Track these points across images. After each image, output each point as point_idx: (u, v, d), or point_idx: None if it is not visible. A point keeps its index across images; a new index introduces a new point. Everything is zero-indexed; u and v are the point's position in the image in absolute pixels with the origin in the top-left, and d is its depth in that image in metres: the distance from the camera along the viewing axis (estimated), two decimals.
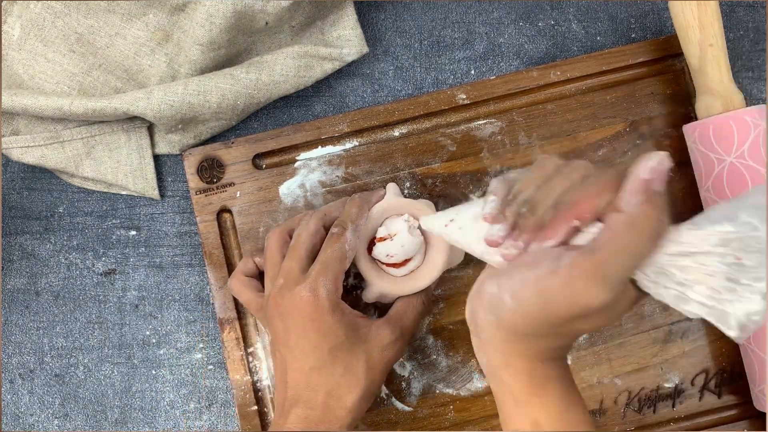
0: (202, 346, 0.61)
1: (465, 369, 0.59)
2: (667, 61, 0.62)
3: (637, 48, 0.61)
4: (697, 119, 0.58)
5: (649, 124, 0.61)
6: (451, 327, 0.60)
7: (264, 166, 0.60)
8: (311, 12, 0.59)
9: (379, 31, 0.63)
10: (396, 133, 0.61)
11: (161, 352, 0.61)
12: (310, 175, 0.60)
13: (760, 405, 0.57)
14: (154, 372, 0.61)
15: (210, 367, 0.61)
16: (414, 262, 0.54)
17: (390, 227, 0.53)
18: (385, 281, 0.54)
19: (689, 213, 0.61)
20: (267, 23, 0.58)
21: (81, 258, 0.61)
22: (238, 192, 0.60)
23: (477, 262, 0.60)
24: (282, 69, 0.59)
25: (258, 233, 0.60)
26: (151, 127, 0.61)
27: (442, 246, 0.54)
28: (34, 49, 0.59)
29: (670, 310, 0.60)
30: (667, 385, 0.60)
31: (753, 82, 0.63)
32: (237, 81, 0.58)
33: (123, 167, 0.60)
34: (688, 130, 0.58)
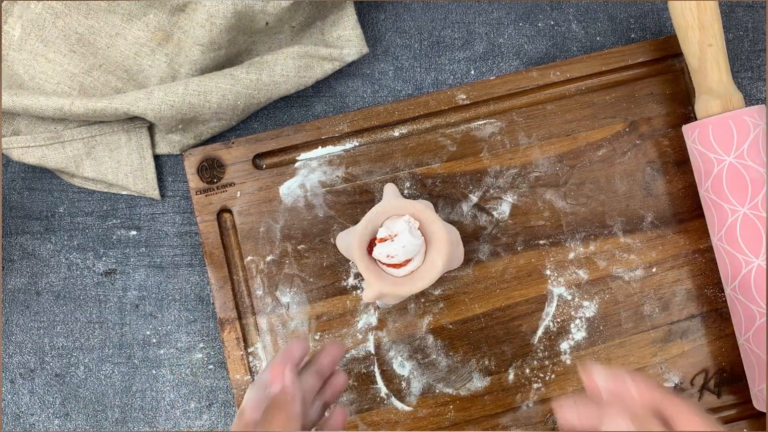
0: (202, 345, 0.61)
1: (465, 369, 0.60)
2: (667, 62, 0.62)
3: (636, 48, 0.61)
4: (696, 119, 0.59)
5: (649, 124, 0.61)
6: (451, 327, 0.60)
7: (264, 166, 0.60)
8: (311, 12, 0.59)
9: (379, 31, 0.63)
10: (396, 133, 0.61)
11: (161, 352, 0.61)
12: (310, 175, 0.60)
13: (759, 405, 0.57)
14: (154, 372, 0.61)
15: (210, 366, 0.61)
16: (414, 262, 0.54)
17: (391, 228, 0.53)
18: (385, 282, 0.54)
19: (689, 213, 0.61)
20: (267, 23, 0.58)
21: (81, 258, 0.61)
22: (239, 192, 0.60)
23: (477, 262, 0.60)
24: (282, 69, 0.59)
25: (258, 233, 0.60)
26: (151, 128, 0.61)
27: (442, 247, 0.54)
28: (35, 49, 0.60)
29: (670, 310, 0.60)
30: (666, 384, 0.60)
31: (752, 82, 0.63)
32: (237, 81, 0.58)
33: (123, 167, 0.60)
34: (687, 130, 0.58)
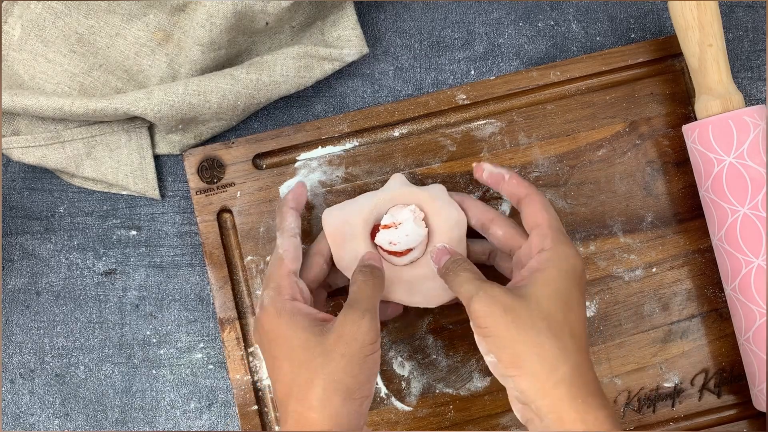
0: (202, 345, 0.61)
1: (465, 368, 0.60)
2: (667, 62, 0.62)
3: (636, 48, 0.61)
4: (696, 119, 0.59)
5: (649, 124, 0.61)
6: (451, 327, 0.60)
7: (264, 166, 0.60)
8: (311, 12, 0.59)
9: (379, 32, 0.63)
10: (396, 133, 0.61)
11: (161, 352, 0.61)
12: (310, 175, 0.60)
13: (759, 405, 0.57)
14: (154, 372, 0.61)
15: (210, 366, 0.61)
16: (415, 252, 0.54)
17: (396, 216, 0.54)
18: (386, 268, 0.54)
19: (689, 213, 0.61)
20: (267, 24, 0.58)
21: (81, 258, 0.61)
22: (239, 192, 0.60)
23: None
24: (282, 69, 0.59)
25: (258, 233, 0.60)
26: (151, 128, 0.61)
27: (444, 238, 0.54)
28: (35, 49, 0.60)
29: (670, 310, 0.60)
30: (666, 384, 0.60)
31: (752, 83, 0.63)
32: (237, 81, 0.58)
33: (123, 167, 0.60)
34: (687, 130, 0.58)
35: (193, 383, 0.61)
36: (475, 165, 0.57)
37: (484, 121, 0.61)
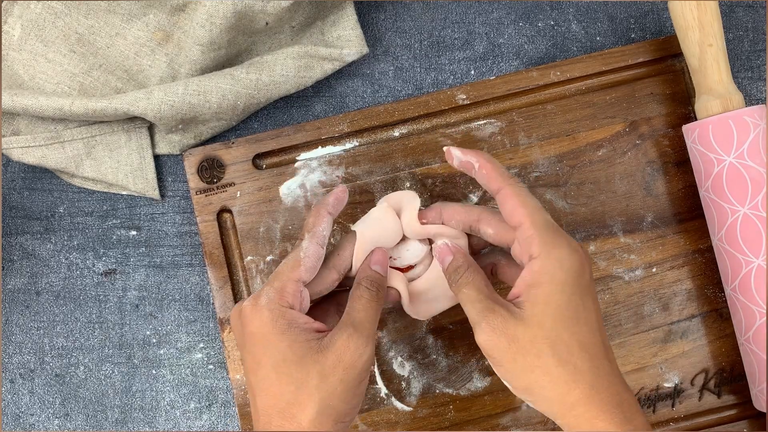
0: (202, 345, 0.61)
1: (465, 369, 0.60)
2: (667, 62, 0.62)
3: (636, 48, 0.61)
4: (696, 119, 0.59)
5: (649, 124, 0.61)
6: (451, 327, 0.60)
7: (264, 166, 0.60)
8: (311, 12, 0.59)
9: (379, 31, 0.63)
10: (396, 133, 0.61)
11: (161, 352, 0.61)
12: (310, 175, 0.60)
13: (759, 405, 0.57)
14: (154, 372, 0.61)
15: (210, 366, 0.61)
16: (417, 269, 0.54)
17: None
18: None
19: (689, 213, 0.61)
20: (267, 23, 0.58)
21: (81, 258, 0.61)
22: (239, 192, 0.60)
23: None
24: (282, 69, 0.59)
25: (258, 233, 0.60)
26: (151, 128, 0.61)
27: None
28: (35, 49, 0.60)
29: (670, 310, 0.60)
30: (666, 384, 0.60)
31: (752, 82, 0.63)
32: (237, 81, 0.58)
33: (123, 167, 0.60)
34: (687, 130, 0.58)
35: (193, 383, 0.61)
36: (445, 149, 0.50)
37: (484, 121, 0.61)
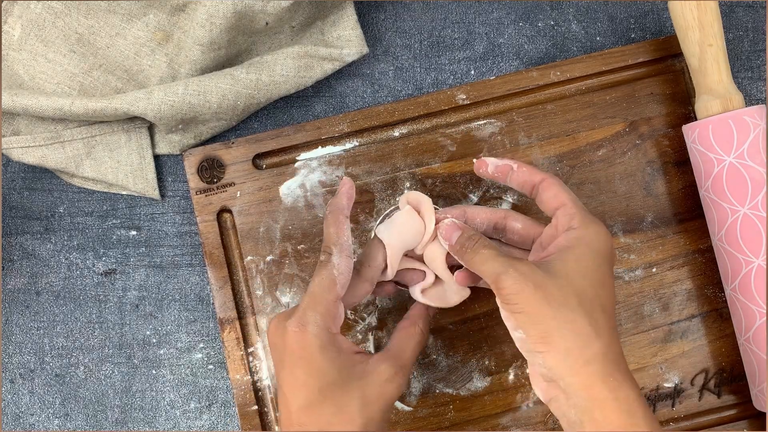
0: (202, 345, 0.61)
1: (465, 369, 0.60)
2: (667, 61, 0.62)
3: (636, 48, 0.61)
4: (696, 119, 0.59)
5: (649, 124, 0.61)
6: (451, 327, 0.60)
7: (264, 166, 0.60)
8: (311, 12, 0.59)
9: (379, 31, 0.63)
10: (396, 133, 0.61)
11: (161, 352, 0.61)
12: (310, 175, 0.60)
13: (759, 405, 0.57)
14: (154, 372, 0.61)
15: (210, 366, 0.61)
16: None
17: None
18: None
19: (689, 213, 0.61)
20: (267, 23, 0.58)
21: (81, 258, 0.61)
22: (239, 192, 0.60)
23: None
24: (282, 69, 0.59)
25: (258, 233, 0.60)
26: (151, 128, 0.61)
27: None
28: (35, 49, 0.60)
29: (670, 310, 0.60)
30: (666, 384, 0.60)
31: (752, 82, 0.63)
32: (237, 81, 0.58)
33: (123, 167, 0.60)
34: (687, 130, 0.58)
35: (193, 383, 0.61)
36: (476, 161, 0.54)
37: (484, 121, 0.61)
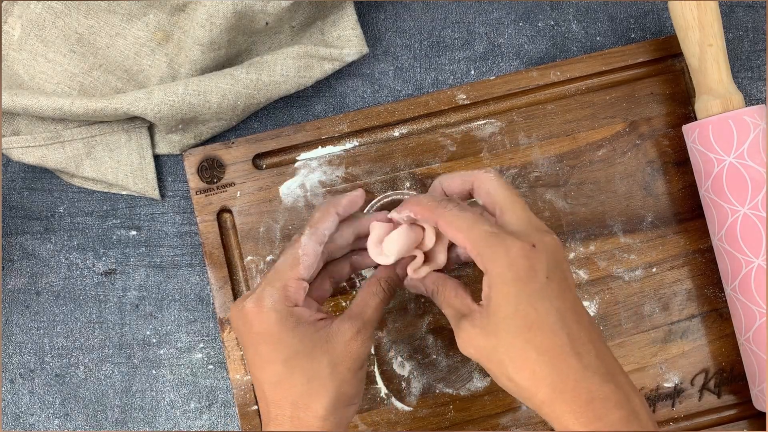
0: (202, 345, 0.61)
1: (465, 369, 0.60)
2: (667, 61, 0.62)
3: (636, 48, 0.61)
4: (696, 119, 0.59)
5: (649, 124, 0.61)
6: (451, 327, 0.60)
7: (264, 166, 0.60)
8: (311, 12, 0.59)
9: (379, 31, 0.63)
10: (396, 133, 0.61)
11: (161, 352, 0.61)
12: (310, 175, 0.60)
13: (759, 405, 0.57)
14: (154, 372, 0.61)
15: (210, 366, 0.61)
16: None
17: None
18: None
19: (689, 213, 0.61)
20: (267, 23, 0.58)
21: (81, 258, 0.61)
22: (239, 192, 0.60)
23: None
24: (282, 69, 0.59)
25: (258, 233, 0.60)
26: (151, 128, 0.61)
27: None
28: (35, 49, 0.60)
29: (670, 310, 0.60)
30: (666, 384, 0.60)
31: (752, 82, 0.63)
32: (237, 81, 0.58)
33: (123, 167, 0.60)
34: (687, 130, 0.58)
35: (193, 383, 0.61)
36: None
37: (484, 121, 0.61)
